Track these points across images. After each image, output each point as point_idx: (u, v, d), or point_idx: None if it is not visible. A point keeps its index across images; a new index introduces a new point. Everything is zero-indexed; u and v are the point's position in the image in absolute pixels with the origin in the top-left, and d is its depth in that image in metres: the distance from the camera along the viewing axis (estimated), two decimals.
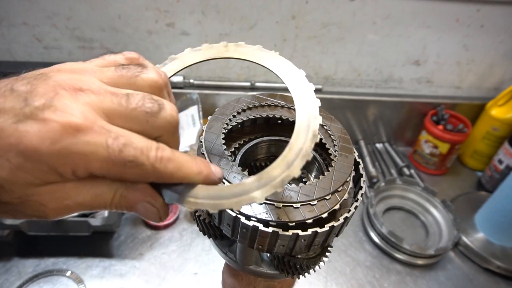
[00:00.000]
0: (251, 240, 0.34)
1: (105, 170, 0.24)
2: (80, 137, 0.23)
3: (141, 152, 0.24)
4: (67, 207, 0.25)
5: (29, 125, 0.22)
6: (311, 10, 1.11)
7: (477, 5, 1.11)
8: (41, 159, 0.22)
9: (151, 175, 0.26)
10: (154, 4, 1.08)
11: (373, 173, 1.24)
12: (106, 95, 0.25)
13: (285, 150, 0.28)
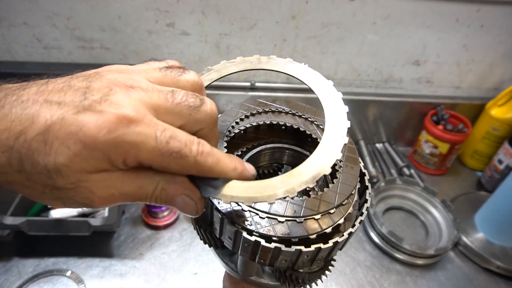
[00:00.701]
0: (252, 254, 0.33)
1: (152, 160, 0.26)
2: (132, 128, 0.25)
3: (185, 145, 0.27)
4: (112, 196, 0.27)
5: (88, 116, 0.24)
6: (311, 10, 1.11)
7: (477, 5, 1.11)
8: (97, 147, 0.24)
9: (192, 167, 0.28)
10: (154, 4, 1.08)
11: (373, 173, 1.24)
12: (154, 92, 0.27)
13: (316, 150, 0.30)
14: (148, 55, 1.18)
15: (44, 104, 0.25)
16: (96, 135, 0.24)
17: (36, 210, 0.98)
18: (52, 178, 0.25)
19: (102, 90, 0.26)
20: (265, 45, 1.18)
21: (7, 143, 0.24)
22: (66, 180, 0.25)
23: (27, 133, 0.24)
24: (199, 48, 1.18)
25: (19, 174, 0.25)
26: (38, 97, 0.25)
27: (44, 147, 0.24)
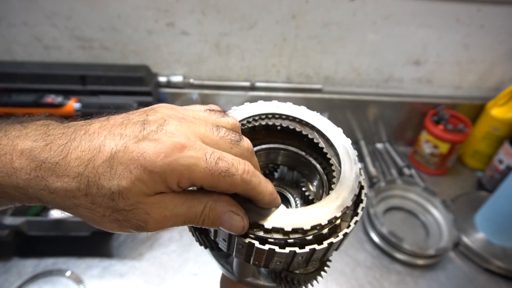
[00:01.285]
0: (247, 255, 0.33)
1: (204, 179, 0.29)
2: (185, 152, 0.29)
3: (232, 164, 0.30)
4: (165, 218, 0.30)
5: (147, 144, 0.28)
6: (311, 9, 1.10)
7: (477, 5, 1.11)
8: (155, 170, 0.28)
9: (239, 185, 0.31)
10: (154, 3, 1.08)
11: (373, 173, 1.24)
12: (201, 125, 0.32)
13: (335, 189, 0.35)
14: (148, 55, 1.18)
15: (108, 136, 0.29)
16: (155, 160, 0.28)
17: (36, 210, 0.98)
18: (114, 200, 0.28)
19: (158, 122, 0.30)
20: (265, 45, 1.18)
21: (78, 170, 0.28)
22: (126, 202, 0.28)
23: (95, 160, 0.28)
24: (199, 47, 1.18)
25: (85, 197, 0.28)
26: (102, 130, 0.29)
27: (110, 172, 0.28)
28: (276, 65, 1.23)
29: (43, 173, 0.28)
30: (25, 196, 0.29)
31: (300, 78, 1.26)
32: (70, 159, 0.28)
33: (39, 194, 0.28)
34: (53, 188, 0.28)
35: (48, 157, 0.28)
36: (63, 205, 0.29)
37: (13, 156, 0.28)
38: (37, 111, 1.03)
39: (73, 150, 0.28)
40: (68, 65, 1.17)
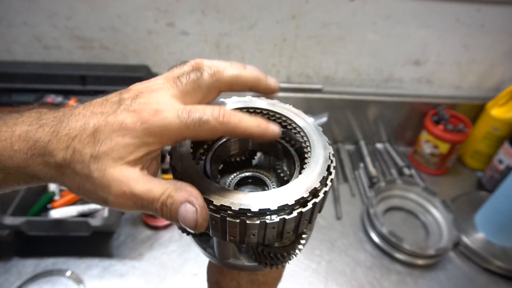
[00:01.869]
0: (222, 232, 0.34)
1: (182, 134, 0.32)
2: (159, 115, 0.31)
3: (204, 113, 0.32)
4: (124, 195, 0.31)
5: (124, 115, 0.32)
6: (311, 9, 1.10)
7: (477, 5, 1.11)
8: (135, 135, 0.31)
9: (218, 129, 0.33)
10: (154, 3, 1.08)
11: (373, 173, 1.24)
12: (168, 86, 0.34)
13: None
14: (148, 55, 1.18)
15: (91, 115, 0.32)
16: (133, 127, 0.31)
17: (36, 210, 0.98)
18: (92, 165, 0.31)
19: (131, 97, 0.33)
20: (265, 45, 1.18)
21: (66, 144, 0.31)
22: (101, 167, 0.31)
23: (81, 135, 0.31)
24: (199, 47, 1.18)
25: (69, 166, 0.31)
26: (85, 111, 0.33)
27: (93, 142, 0.31)
28: (276, 65, 1.23)
29: (38, 150, 0.32)
30: (26, 175, 0.33)
31: (300, 78, 1.26)
32: (60, 136, 0.32)
33: (36, 170, 0.32)
34: (46, 162, 0.32)
35: (41, 137, 0.32)
36: (55, 177, 0.33)
37: (13, 140, 0.32)
38: None
39: (62, 129, 0.32)
40: (68, 65, 1.17)
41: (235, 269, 0.44)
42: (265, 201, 0.33)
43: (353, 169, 1.30)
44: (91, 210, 1.00)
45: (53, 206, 0.98)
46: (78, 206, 0.98)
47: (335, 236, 1.05)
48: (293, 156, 0.43)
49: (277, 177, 0.44)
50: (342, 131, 1.38)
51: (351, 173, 1.27)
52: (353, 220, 1.11)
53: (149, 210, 0.32)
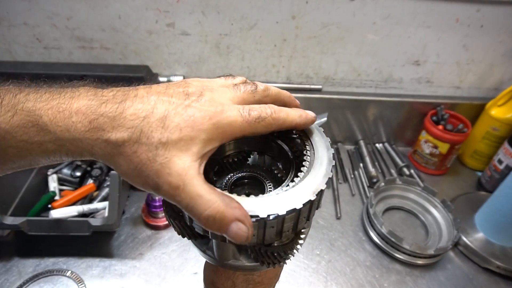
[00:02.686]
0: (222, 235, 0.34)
1: (244, 130, 0.35)
2: (225, 114, 0.34)
3: (261, 111, 0.36)
4: (177, 187, 0.31)
5: (193, 110, 0.33)
6: (311, 10, 1.11)
7: (477, 5, 1.11)
8: (203, 128, 0.33)
9: (273, 124, 0.37)
10: (154, 4, 1.08)
11: (373, 173, 1.24)
12: (226, 90, 0.37)
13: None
14: (148, 55, 1.19)
15: (157, 101, 0.33)
16: (202, 122, 0.33)
17: (36, 210, 0.99)
18: (157, 150, 0.31)
19: (196, 93, 0.35)
20: (265, 45, 1.18)
21: (133, 123, 0.32)
22: (165, 154, 0.31)
23: (149, 118, 0.32)
24: (199, 48, 1.18)
25: (131, 146, 0.31)
26: (150, 95, 0.34)
27: (162, 127, 0.32)
28: (276, 65, 1.23)
29: (100, 124, 0.31)
30: (79, 148, 0.32)
31: (300, 78, 1.26)
32: (126, 114, 0.32)
33: (92, 145, 0.32)
34: (106, 138, 0.31)
35: (105, 112, 0.32)
36: (110, 154, 0.32)
37: (71, 112, 0.32)
38: None
39: (128, 108, 0.32)
40: (69, 65, 1.17)
41: (235, 270, 0.44)
42: (273, 206, 0.33)
43: (353, 169, 1.30)
44: (91, 210, 1.00)
45: (53, 206, 0.99)
46: (78, 206, 0.98)
47: (334, 236, 1.06)
48: (289, 156, 0.43)
49: (273, 176, 0.44)
50: (342, 131, 1.38)
51: (351, 173, 1.27)
52: (352, 220, 1.11)
53: (189, 213, 0.32)
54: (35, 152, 0.32)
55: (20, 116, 0.31)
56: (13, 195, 0.95)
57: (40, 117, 0.31)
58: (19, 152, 0.32)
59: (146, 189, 0.33)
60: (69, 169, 1.13)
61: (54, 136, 0.32)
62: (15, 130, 0.31)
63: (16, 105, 0.32)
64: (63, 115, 0.32)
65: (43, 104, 0.32)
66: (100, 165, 1.13)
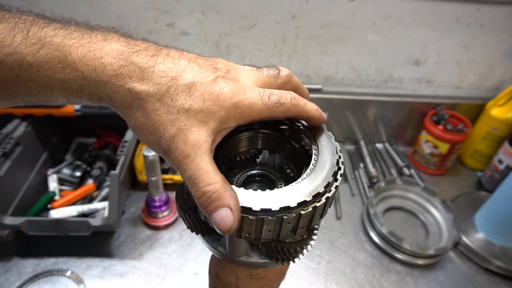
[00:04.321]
0: (238, 229, 0.34)
1: (262, 113, 0.35)
2: (246, 95, 0.34)
3: (281, 96, 0.36)
4: (187, 156, 0.32)
5: (220, 84, 0.34)
6: (311, 10, 1.11)
7: (477, 5, 1.11)
8: (223, 105, 0.33)
9: (291, 109, 0.37)
10: (154, 4, 1.08)
11: (373, 173, 1.24)
12: (250, 72, 0.38)
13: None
14: None
15: (188, 66, 0.34)
16: (225, 98, 0.33)
17: (36, 210, 0.98)
18: (178, 114, 0.32)
19: (224, 69, 0.36)
20: (265, 45, 1.18)
21: (162, 80, 0.32)
22: (184, 121, 0.32)
23: (178, 80, 0.32)
24: (199, 48, 1.18)
25: (153, 104, 0.32)
26: (181, 59, 0.34)
27: (188, 93, 0.32)
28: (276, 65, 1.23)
29: (129, 72, 0.31)
30: (100, 92, 0.32)
31: (300, 78, 1.25)
32: (156, 69, 0.32)
33: (114, 91, 0.31)
34: (130, 87, 0.31)
35: (136, 61, 0.32)
36: (129, 105, 0.32)
37: (102, 53, 0.31)
38: (38, 111, 1.04)
39: (159, 64, 0.32)
40: None
41: (247, 266, 0.44)
42: (267, 201, 0.33)
43: (353, 169, 1.30)
44: (91, 210, 1.00)
45: (53, 206, 0.99)
46: (78, 206, 0.98)
47: (335, 236, 1.06)
48: (301, 156, 0.43)
49: (284, 175, 0.44)
50: (342, 131, 1.38)
51: (351, 173, 1.27)
52: (353, 220, 1.11)
53: (189, 183, 0.32)
54: (57, 89, 0.32)
55: (47, 50, 0.30)
56: (13, 195, 0.95)
57: (70, 53, 0.30)
58: (40, 87, 0.31)
59: (154, 149, 0.33)
60: (69, 169, 1.13)
61: (80, 75, 0.31)
62: (40, 64, 0.30)
63: (43, 39, 0.30)
64: (93, 54, 0.31)
65: (73, 41, 0.31)
66: (100, 165, 1.13)
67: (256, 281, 0.48)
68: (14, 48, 0.29)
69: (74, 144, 1.27)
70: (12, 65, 0.30)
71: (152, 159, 0.89)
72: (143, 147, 1.03)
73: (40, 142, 1.09)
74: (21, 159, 0.97)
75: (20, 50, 0.29)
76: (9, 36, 0.29)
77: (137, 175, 1.10)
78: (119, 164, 0.95)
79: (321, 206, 0.35)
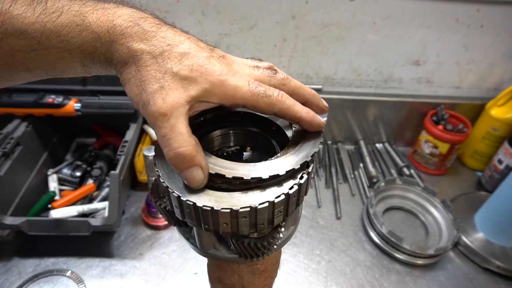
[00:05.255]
0: (197, 220, 0.35)
1: (245, 99, 0.36)
2: (235, 77, 0.36)
3: (269, 89, 0.37)
4: (163, 115, 0.33)
5: (211, 62, 0.36)
6: (311, 10, 1.11)
7: (477, 5, 1.11)
8: (208, 79, 0.35)
9: (275, 105, 0.37)
10: (154, 4, 1.08)
11: (373, 173, 1.24)
12: (246, 66, 0.39)
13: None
14: None
15: (186, 41, 0.36)
16: (212, 73, 0.35)
17: (36, 210, 0.99)
18: (165, 74, 0.34)
19: (220, 53, 0.38)
20: (265, 45, 1.18)
21: (159, 44, 0.35)
22: (169, 82, 0.34)
23: (173, 47, 0.35)
24: None
25: (147, 60, 0.34)
26: (182, 35, 0.37)
27: (179, 60, 0.34)
28: (276, 65, 1.23)
29: (133, 33, 0.34)
30: (108, 52, 0.35)
31: (300, 78, 1.26)
32: (157, 35, 0.35)
33: (117, 49, 0.34)
34: (129, 45, 0.34)
35: (143, 25, 0.35)
36: (125, 61, 0.35)
37: (114, 16, 0.35)
38: (38, 111, 1.04)
39: (161, 32, 0.35)
40: None
41: (215, 260, 0.45)
42: (236, 170, 0.34)
43: (353, 169, 1.30)
44: (91, 210, 1.00)
45: (53, 206, 0.99)
46: (78, 206, 0.98)
47: (334, 236, 1.06)
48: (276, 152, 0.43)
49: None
50: (342, 131, 1.38)
51: (351, 173, 1.27)
52: (352, 220, 1.11)
53: (162, 142, 0.34)
54: (74, 52, 0.35)
55: (65, 16, 0.33)
56: (13, 195, 0.95)
57: (86, 17, 0.34)
58: (59, 53, 0.34)
59: (135, 100, 0.35)
60: (69, 169, 1.13)
61: (96, 36, 0.34)
62: (60, 30, 0.33)
63: (61, 7, 0.34)
64: (107, 18, 0.34)
65: (89, 8, 0.34)
66: (100, 165, 1.13)
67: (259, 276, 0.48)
68: (36, 17, 0.33)
69: (74, 144, 1.27)
70: (34, 33, 0.33)
71: (152, 159, 0.89)
72: (143, 147, 1.03)
73: (40, 142, 1.09)
74: (21, 159, 0.97)
75: (41, 19, 0.33)
76: (30, 8, 0.33)
77: (137, 175, 1.10)
78: (119, 164, 0.95)
79: (280, 203, 0.35)
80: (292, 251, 1.00)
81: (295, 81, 0.42)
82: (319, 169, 1.29)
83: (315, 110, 0.43)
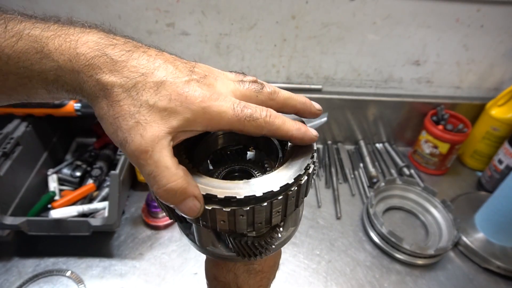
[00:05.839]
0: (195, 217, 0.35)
1: (231, 124, 0.34)
2: (218, 102, 0.33)
3: (255, 111, 0.35)
4: (144, 151, 0.31)
5: (191, 87, 0.33)
6: (311, 10, 1.11)
7: (477, 5, 1.11)
8: (190, 108, 0.32)
9: (264, 127, 0.35)
10: (154, 4, 1.08)
11: (373, 173, 1.24)
12: (231, 82, 0.37)
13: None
14: None
15: (162, 65, 0.33)
16: (193, 101, 0.33)
17: (36, 210, 0.98)
18: (140, 108, 0.31)
19: (201, 74, 0.35)
20: (265, 45, 1.18)
21: (131, 75, 0.32)
22: (146, 115, 0.31)
23: (148, 76, 0.32)
24: (199, 48, 1.18)
25: (119, 95, 0.32)
26: (157, 58, 0.34)
27: (155, 91, 0.32)
28: (276, 65, 1.23)
29: (100, 63, 0.32)
30: (74, 82, 0.32)
31: (300, 78, 1.26)
32: (128, 64, 0.32)
33: (85, 81, 0.32)
34: (98, 78, 0.31)
35: (111, 53, 0.32)
36: (95, 95, 0.32)
37: (78, 44, 0.32)
38: (38, 111, 1.04)
39: (132, 60, 0.33)
40: None
41: (213, 257, 0.45)
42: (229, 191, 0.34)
43: (353, 169, 1.30)
44: (91, 210, 1.00)
45: (53, 206, 0.99)
46: (78, 206, 0.98)
47: (335, 236, 1.06)
48: (278, 151, 0.43)
49: (264, 170, 0.45)
50: (342, 131, 1.38)
51: (351, 173, 1.27)
52: (353, 220, 1.11)
53: (149, 180, 0.32)
54: (35, 80, 0.32)
55: (25, 41, 0.31)
56: (13, 195, 0.95)
57: (46, 44, 0.31)
58: (19, 79, 0.32)
59: (113, 139, 0.33)
60: (69, 169, 1.13)
61: (56, 64, 0.31)
62: (18, 56, 0.31)
63: (21, 31, 0.31)
64: (69, 45, 0.32)
65: (51, 33, 0.32)
66: (100, 165, 1.13)
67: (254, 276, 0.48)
68: None
69: (74, 144, 1.27)
70: None
71: None
72: None
73: (40, 142, 1.09)
74: (21, 159, 0.97)
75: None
76: None
77: (137, 175, 1.10)
78: (119, 164, 0.95)
79: (278, 203, 0.35)
80: (292, 251, 1.00)
81: (283, 92, 0.40)
82: (319, 169, 1.29)
83: (309, 116, 0.42)
